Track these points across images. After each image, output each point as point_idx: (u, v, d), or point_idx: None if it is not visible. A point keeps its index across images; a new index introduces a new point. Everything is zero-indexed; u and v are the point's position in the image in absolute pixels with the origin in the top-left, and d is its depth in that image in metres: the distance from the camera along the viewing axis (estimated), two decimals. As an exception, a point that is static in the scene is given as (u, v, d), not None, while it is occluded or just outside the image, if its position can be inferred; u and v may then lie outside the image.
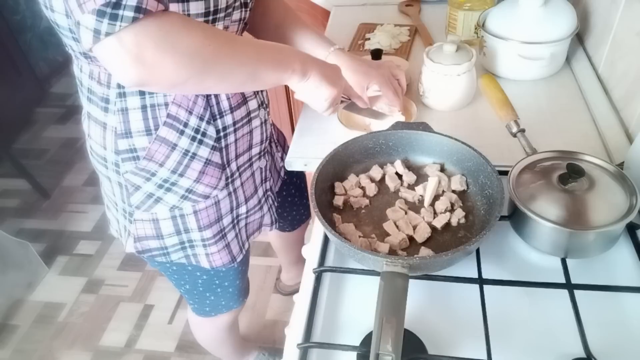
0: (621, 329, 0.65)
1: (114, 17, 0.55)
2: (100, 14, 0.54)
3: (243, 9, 0.80)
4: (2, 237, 1.77)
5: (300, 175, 1.27)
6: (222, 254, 0.97)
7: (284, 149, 1.17)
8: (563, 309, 0.66)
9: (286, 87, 2.01)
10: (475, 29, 1.21)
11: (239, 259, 1.02)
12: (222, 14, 0.73)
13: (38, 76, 2.90)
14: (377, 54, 1.08)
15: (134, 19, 0.55)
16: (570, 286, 0.68)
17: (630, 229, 0.75)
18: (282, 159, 1.11)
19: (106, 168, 0.86)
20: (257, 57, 0.71)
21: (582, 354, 0.61)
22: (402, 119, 0.97)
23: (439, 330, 0.66)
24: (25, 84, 2.76)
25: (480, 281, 0.69)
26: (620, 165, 0.78)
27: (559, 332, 0.65)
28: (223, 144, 0.86)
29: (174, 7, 0.67)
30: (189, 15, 0.69)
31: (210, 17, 0.72)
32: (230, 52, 0.66)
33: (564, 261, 0.71)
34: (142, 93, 0.76)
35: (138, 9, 0.55)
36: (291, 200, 1.28)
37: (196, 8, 0.69)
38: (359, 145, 0.82)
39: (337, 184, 0.81)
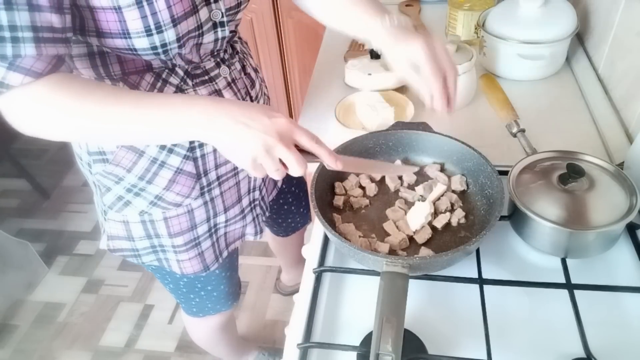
0: (621, 329, 0.65)
1: None
2: None
3: (219, 29, 0.75)
4: (2, 237, 1.77)
5: (300, 184, 1.25)
6: (193, 262, 0.94)
7: None
8: (563, 309, 0.66)
9: (286, 87, 2.01)
10: (475, 29, 1.21)
11: (212, 268, 0.98)
12: (174, 45, 0.69)
13: (38, 76, 2.89)
14: (376, 54, 1.08)
15: None
16: (570, 286, 0.68)
17: (630, 229, 0.75)
18: None
19: (82, 167, 0.87)
20: (128, 125, 0.64)
21: (582, 354, 0.61)
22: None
23: (439, 330, 0.66)
24: (25, 84, 2.76)
25: (480, 281, 0.69)
26: (620, 165, 0.78)
27: (559, 332, 0.65)
28: (198, 154, 0.82)
29: (118, 42, 0.66)
30: (135, 50, 0.68)
31: (160, 50, 0.69)
32: (89, 132, 0.65)
33: (564, 261, 0.71)
34: None
35: None
36: (287, 208, 1.26)
37: (140, 44, 0.67)
38: (359, 145, 0.82)
39: (337, 184, 0.81)
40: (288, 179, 1.19)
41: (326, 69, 1.19)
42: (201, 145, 0.82)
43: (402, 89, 1.07)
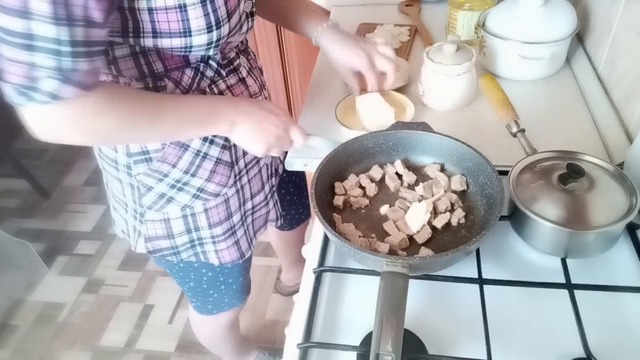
0: (621, 329, 0.65)
1: (27, 97, 0.58)
2: (16, 89, 0.58)
3: (250, 19, 0.81)
4: (2, 237, 1.77)
5: (299, 174, 1.27)
6: (231, 251, 0.98)
7: None
8: (563, 309, 0.66)
9: (286, 87, 2.01)
10: (475, 29, 1.21)
11: (247, 255, 1.03)
12: (224, 39, 0.74)
13: (38, 76, 2.89)
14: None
15: (47, 102, 0.59)
16: (570, 286, 0.68)
17: (630, 229, 0.75)
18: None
19: (117, 170, 0.87)
20: (177, 126, 0.74)
21: (582, 354, 0.61)
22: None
23: (439, 330, 0.66)
24: (25, 84, 2.76)
25: (480, 281, 0.69)
26: (620, 165, 0.78)
27: (559, 332, 0.65)
28: (232, 142, 0.86)
29: (176, 41, 0.68)
30: (191, 47, 0.70)
31: (214, 44, 0.72)
32: (144, 130, 0.71)
33: (564, 261, 0.71)
34: None
35: (52, 95, 0.58)
36: (290, 199, 1.28)
37: (199, 41, 0.70)
38: (359, 145, 0.82)
39: (337, 184, 0.81)
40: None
41: (326, 69, 1.19)
42: None
43: (402, 89, 1.07)
